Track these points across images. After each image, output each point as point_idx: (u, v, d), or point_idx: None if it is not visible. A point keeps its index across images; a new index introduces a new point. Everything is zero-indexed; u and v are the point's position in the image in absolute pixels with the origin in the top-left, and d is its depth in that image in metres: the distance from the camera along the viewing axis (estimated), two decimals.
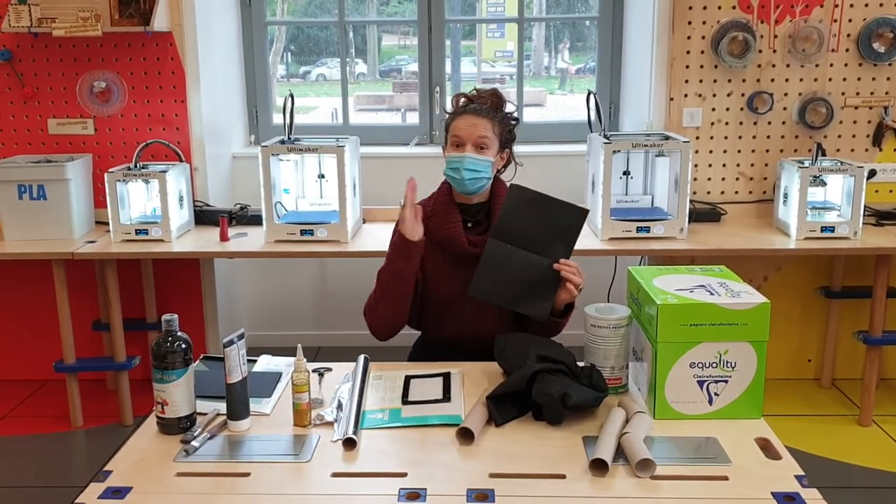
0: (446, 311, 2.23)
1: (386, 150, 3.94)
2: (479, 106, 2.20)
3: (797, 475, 1.49)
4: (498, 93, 2.24)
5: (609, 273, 3.56)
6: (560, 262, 2.02)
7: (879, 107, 3.43)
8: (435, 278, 2.21)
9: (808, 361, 3.72)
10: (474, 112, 2.18)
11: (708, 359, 1.68)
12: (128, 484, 1.49)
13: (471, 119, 2.17)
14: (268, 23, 4.09)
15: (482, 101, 2.22)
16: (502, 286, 2.04)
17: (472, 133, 2.16)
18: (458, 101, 2.26)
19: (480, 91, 2.25)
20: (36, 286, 3.67)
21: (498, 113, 2.21)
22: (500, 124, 2.20)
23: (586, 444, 1.61)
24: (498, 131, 2.19)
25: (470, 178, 2.15)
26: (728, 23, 3.35)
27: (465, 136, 2.16)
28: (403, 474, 1.52)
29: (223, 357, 1.67)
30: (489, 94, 2.23)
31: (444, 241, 2.19)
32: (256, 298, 4.14)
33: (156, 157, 3.48)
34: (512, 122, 2.27)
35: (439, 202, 2.24)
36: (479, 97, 2.23)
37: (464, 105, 2.22)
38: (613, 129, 3.97)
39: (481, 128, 2.16)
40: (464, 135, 2.16)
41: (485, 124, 2.16)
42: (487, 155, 2.16)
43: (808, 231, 3.12)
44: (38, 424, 3.41)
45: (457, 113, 2.21)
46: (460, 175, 2.15)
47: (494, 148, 2.18)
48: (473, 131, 2.16)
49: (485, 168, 2.16)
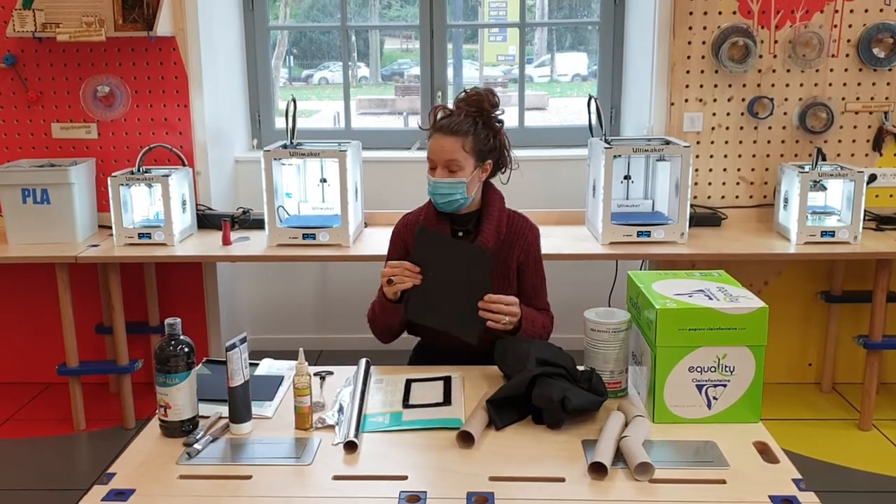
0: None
1: (388, 154, 3.96)
2: (451, 122, 2.12)
3: (795, 479, 1.50)
4: (480, 98, 2.15)
5: (609, 277, 3.58)
6: (483, 300, 2.02)
7: (879, 112, 3.44)
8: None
9: (808, 366, 3.72)
10: (445, 131, 2.12)
11: (707, 363, 1.69)
12: (131, 486, 1.51)
13: (441, 140, 2.12)
14: (270, 27, 4.10)
15: (458, 113, 2.14)
16: (433, 310, 2.08)
17: (441, 156, 2.11)
18: (435, 115, 2.19)
19: (461, 100, 2.16)
20: (39, 290, 3.69)
21: (474, 125, 2.13)
22: (476, 136, 2.12)
23: (586, 448, 1.62)
24: (473, 146, 2.12)
25: (443, 202, 2.14)
26: (728, 28, 3.36)
27: (435, 159, 2.13)
28: (404, 477, 1.53)
29: (225, 360, 1.68)
30: (466, 105, 2.15)
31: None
32: (259, 302, 4.15)
33: (159, 162, 3.49)
34: (496, 126, 2.18)
35: (430, 213, 2.22)
36: (456, 109, 2.16)
37: (439, 121, 2.16)
38: (614, 133, 3.98)
39: (449, 150, 2.10)
40: (435, 158, 2.13)
41: (453, 144, 2.10)
42: (460, 176, 2.11)
43: (808, 236, 3.13)
44: (41, 427, 3.42)
45: (433, 129, 2.16)
46: (434, 199, 2.16)
47: (469, 166, 2.12)
48: (442, 154, 2.11)
49: (457, 190, 2.12)
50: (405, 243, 2.25)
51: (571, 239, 3.26)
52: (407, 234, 2.25)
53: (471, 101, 2.15)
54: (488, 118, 2.17)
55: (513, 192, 2.31)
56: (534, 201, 3.72)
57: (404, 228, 2.28)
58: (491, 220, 2.19)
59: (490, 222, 2.18)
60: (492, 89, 2.20)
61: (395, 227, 2.31)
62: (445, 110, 2.19)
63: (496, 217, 2.20)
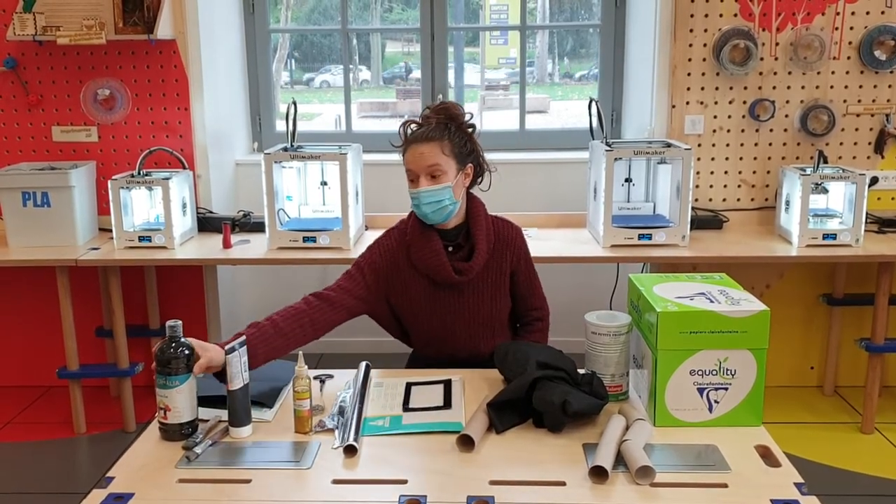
0: (436, 336, 2.21)
1: (389, 157, 3.93)
2: (425, 131, 2.08)
3: (796, 483, 1.49)
4: (447, 107, 2.13)
5: (611, 280, 3.57)
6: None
7: (881, 114, 3.44)
8: (421, 308, 2.17)
9: (810, 369, 3.71)
10: (420, 139, 2.07)
11: (708, 366, 1.69)
12: (130, 490, 1.50)
13: (417, 148, 2.07)
14: (271, 30, 4.10)
15: (429, 122, 2.11)
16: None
17: (421, 164, 2.06)
18: (406, 129, 2.14)
19: (428, 112, 2.13)
20: (39, 293, 3.68)
21: (447, 130, 2.09)
22: (452, 141, 2.09)
23: (586, 452, 1.61)
24: (451, 149, 2.08)
25: (432, 212, 2.08)
26: (729, 30, 3.36)
27: (415, 168, 2.07)
28: (404, 481, 1.52)
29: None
30: (435, 114, 2.11)
31: (429, 271, 2.13)
32: (259, 305, 4.14)
33: (159, 165, 3.49)
34: (468, 131, 2.15)
35: (415, 229, 2.14)
36: (425, 120, 2.12)
37: (411, 134, 2.11)
38: (615, 136, 3.98)
39: (429, 155, 2.06)
40: (414, 167, 2.07)
41: (432, 149, 2.06)
42: (444, 181, 2.06)
43: (809, 238, 3.12)
44: (41, 431, 3.42)
45: (406, 143, 2.11)
46: (422, 211, 2.09)
47: (452, 170, 2.08)
48: (422, 161, 2.06)
49: (444, 195, 2.07)
50: (396, 262, 2.16)
51: (572, 242, 3.25)
52: (398, 252, 2.17)
53: (438, 110, 2.13)
54: (460, 123, 2.14)
55: (513, 194, 2.31)
56: (535, 204, 3.72)
57: (396, 244, 2.18)
58: (480, 231, 2.14)
59: (480, 234, 2.14)
60: (455, 102, 2.19)
61: (383, 239, 2.22)
62: (414, 123, 2.14)
63: (484, 227, 2.16)
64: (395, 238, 2.20)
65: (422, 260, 2.13)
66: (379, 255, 2.19)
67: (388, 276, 2.17)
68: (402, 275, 2.17)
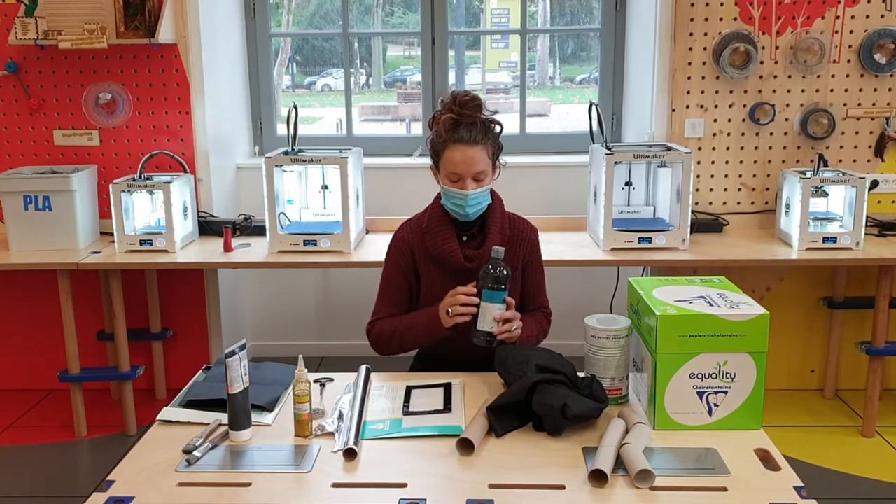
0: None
1: (390, 160, 3.96)
2: (469, 132, 2.09)
3: (796, 486, 1.49)
4: (479, 103, 2.12)
5: (611, 283, 3.57)
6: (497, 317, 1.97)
7: (881, 118, 3.44)
8: (433, 295, 2.20)
9: (810, 372, 3.71)
10: (469, 141, 2.08)
11: (707, 370, 1.69)
12: (130, 494, 1.50)
13: (465, 151, 2.08)
14: (273, 34, 4.11)
15: (469, 119, 2.09)
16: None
17: (471, 169, 2.09)
18: (446, 125, 2.10)
19: (465, 107, 2.09)
20: (41, 296, 3.69)
21: (490, 132, 2.13)
22: (493, 144, 2.15)
23: (586, 455, 1.61)
24: (492, 152, 2.15)
25: (474, 212, 2.16)
26: (729, 34, 3.36)
27: (464, 171, 2.09)
28: (403, 485, 1.52)
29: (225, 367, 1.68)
30: (473, 110, 2.10)
31: (441, 258, 2.18)
32: (260, 309, 4.15)
33: (160, 168, 3.50)
34: (498, 131, 2.18)
35: (434, 218, 2.21)
36: (465, 116, 2.09)
37: (457, 132, 2.09)
38: (615, 139, 3.98)
39: (479, 160, 2.09)
40: (462, 171, 2.09)
41: (479, 154, 2.09)
42: (487, 183, 2.15)
43: (810, 242, 3.12)
44: (42, 434, 3.42)
45: (450, 140, 2.10)
46: (464, 211, 2.13)
47: (490, 171, 2.15)
48: (473, 166, 2.09)
49: (485, 196, 2.16)
50: (412, 250, 2.24)
51: (573, 245, 3.25)
52: (413, 241, 2.24)
53: (474, 105, 2.12)
54: (491, 120, 2.17)
55: (514, 198, 2.31)
56: (535, 207, 3.72)
57: (410, 235, 2.25)
58: (495, 222, 2.20)
59: (495, 225, 2.20)
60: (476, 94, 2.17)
61: (396, 234, 2.29)
62: (453, 118, 2.10)
63: (500, 219, 2.22)
64: (408, 230, 2.27)
65: (435, 246, 2.18)
66: (398, 251, 2.26)
67: (412, 263, 2.24)
68: (420, 262, 2.23)
